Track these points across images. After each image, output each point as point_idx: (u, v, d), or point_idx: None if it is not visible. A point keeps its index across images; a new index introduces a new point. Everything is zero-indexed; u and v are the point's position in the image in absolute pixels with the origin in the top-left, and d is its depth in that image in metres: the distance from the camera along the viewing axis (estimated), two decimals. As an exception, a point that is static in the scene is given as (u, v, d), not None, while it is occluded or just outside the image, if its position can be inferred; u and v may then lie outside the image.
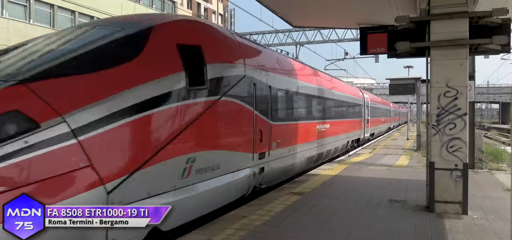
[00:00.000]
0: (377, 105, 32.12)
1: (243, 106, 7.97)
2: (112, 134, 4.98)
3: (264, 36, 36.40)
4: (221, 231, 6.12)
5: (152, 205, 4.36)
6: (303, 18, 12.50)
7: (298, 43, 34.57)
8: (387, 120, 40.90)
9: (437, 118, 7.30)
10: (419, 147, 21.00)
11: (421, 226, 6.55)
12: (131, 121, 5.19)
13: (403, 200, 8.42)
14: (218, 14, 55.13)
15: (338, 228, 6.41)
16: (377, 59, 34.56)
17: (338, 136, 16.97)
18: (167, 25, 6.57)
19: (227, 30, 10.15)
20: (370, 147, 23.24)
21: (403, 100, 60.31)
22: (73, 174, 4.54)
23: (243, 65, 8.07)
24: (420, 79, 20.87)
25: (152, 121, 5.55)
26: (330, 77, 17.82)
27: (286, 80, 10.78)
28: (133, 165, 5.18)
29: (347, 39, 34.04)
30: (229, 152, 7.47)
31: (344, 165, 14.16)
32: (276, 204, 7.99)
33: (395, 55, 8.41)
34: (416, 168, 13.68)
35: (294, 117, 11.32)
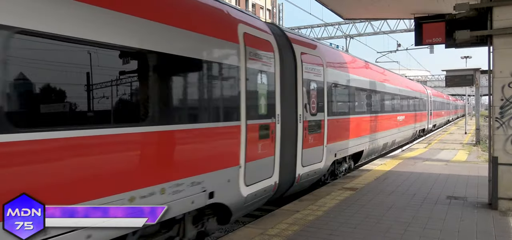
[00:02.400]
0: (439, 99, 36.61)
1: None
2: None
3: (313, 29, 35.99)
4: (275, 225, 6.16)
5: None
6: (354, 10, 12.22)
7: (348, 36, 33.87)
8: (446, 113, 45.44)
9: (501, 110, 6.90)
10: (478, 141, 19.99)
11: (484, 224, 6.23)
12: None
13: (462, 197, 8.05)
14: (266, 9, 55.20)
15: (393, 225, 6.22)
16: (432, 50, 33.01)
17: (411, 125, 21.52)
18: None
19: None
20: (424, 141, 22.40)
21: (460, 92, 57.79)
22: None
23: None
24: (479, 70, 19.76)
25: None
26: (402, 78, 23.23)
27: (384, 86, 15.85)
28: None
29: (399, 30, 32.82)
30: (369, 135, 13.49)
31: (397, 160, 13.75)
32: (329, 199, 7.91)
33: (454, 45, 8.06)
34: (476, 163, 13.03)
35: (385, 110, 15.87)
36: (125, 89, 4.73)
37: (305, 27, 35.99)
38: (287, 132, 7.57)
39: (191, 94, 5.53)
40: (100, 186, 4.12)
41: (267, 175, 6.91)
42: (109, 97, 4.46)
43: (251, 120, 6.33)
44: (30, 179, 3.57)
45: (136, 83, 4.75)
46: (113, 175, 4.27)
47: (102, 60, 4.35)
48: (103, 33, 4.20)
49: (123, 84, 4.66)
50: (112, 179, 4.26)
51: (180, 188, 4.99)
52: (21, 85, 3.74)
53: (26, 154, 3.57)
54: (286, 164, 7.56)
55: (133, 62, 4.69)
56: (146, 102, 4.64)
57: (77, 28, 3.95)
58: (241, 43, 6.25)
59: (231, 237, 5.74)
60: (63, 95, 4.06)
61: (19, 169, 3.53)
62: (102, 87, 4.41)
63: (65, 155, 3.84)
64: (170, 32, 5.03)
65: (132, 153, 4.54)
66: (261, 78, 6.84)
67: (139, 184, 4.48)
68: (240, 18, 6.62)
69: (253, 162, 6.39)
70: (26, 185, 3.47)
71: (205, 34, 5.61)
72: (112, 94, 4.50)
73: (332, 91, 9.92)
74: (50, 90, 3.98)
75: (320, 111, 9.07)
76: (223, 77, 5.98)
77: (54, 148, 3.76)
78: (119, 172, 4.35)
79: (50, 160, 3.74)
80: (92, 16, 4.09)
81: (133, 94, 4.77)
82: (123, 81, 4.66)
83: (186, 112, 5.36)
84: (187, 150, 5.32)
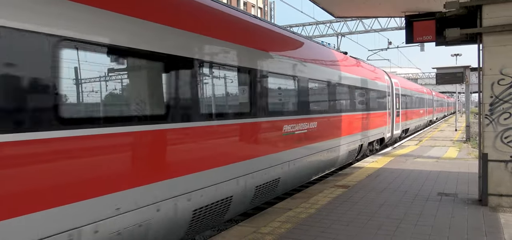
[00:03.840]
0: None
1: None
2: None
3: (305, 27, 36.07)
4: (268, 223, 6.17)
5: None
6: (346, 8, 12.24)
7: (339, 34, 34.03)
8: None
9: (491, 107, 6.97)
10: (468, 138, 20.21)
11: (474, 220, 6.29)
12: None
13: (453, 193, 8.13)
14: (258, 8, 55.17)
15: (385, 222, 6.27)
16: (423, 48, 33.33)
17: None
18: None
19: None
20: (416, 138, 22.56)
21: (450, 89, 58.02)
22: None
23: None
24: (469, 67, 19.96)
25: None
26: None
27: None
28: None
29: (390, 28, 33.11)
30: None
31: (389, 157, 13.84)
32: (321, 197, 7.95)
33: (444, 43, 8.12)
34: (466, 160, 13.16)
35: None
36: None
37: (297, 25, 36.07)
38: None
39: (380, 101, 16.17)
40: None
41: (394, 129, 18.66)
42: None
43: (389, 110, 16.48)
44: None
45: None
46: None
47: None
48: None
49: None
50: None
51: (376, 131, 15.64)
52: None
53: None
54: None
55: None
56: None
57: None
58: (389, 84, 17.89)
59: (224, 235, 5.74)
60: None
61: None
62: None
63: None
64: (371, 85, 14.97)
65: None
66: (392, 96, 18.61)
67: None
68: (387, 73, 18.90)
69: (389, 125, 17.77)
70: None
71: (383, 82, 17.12)
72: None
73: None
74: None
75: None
76: (387, 95, 17.56)
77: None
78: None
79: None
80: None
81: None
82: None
83: (376, 107, 15.60)
84: (376, 120, 15.44)
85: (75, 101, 4.17)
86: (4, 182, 3.37)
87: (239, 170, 6.52)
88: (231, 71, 6.54)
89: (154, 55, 4.93)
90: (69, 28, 3.90)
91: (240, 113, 6.76)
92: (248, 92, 6.94)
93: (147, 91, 5.06)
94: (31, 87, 3.58)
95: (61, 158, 3.83)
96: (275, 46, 8.23)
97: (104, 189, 4.24)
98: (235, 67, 6.60)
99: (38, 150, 3.65)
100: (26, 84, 3.54)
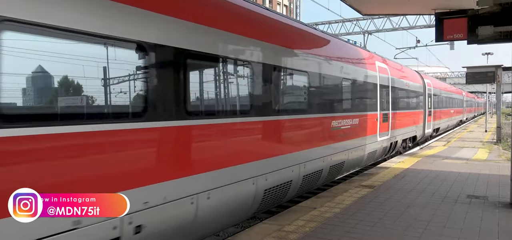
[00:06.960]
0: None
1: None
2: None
3: (331, 25, 35.73)
4: (292, 222, 6.15)
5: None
6: (373, 6, 12.03)
7: (366, 32, 33.52)
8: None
9: (525, 108, 6.73)
10: (499, 140, 19.59)
11: (505, 224, 6.10)
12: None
13: (483, 196, 7.90)
14: (283, 5, 55.00)
15: (412, 223, 6.15)
16: (452, 46, 32.44)
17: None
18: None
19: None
20: (444, 139, 22.05)
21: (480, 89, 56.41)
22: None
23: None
24: (501, 67, 19.35)
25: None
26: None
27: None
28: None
29: (419, 26, 32.35)
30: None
31: (416, 158, 13.57)
32: (346, 196, 7.86)
33: (476, 41, 7.90)
34: (497, 162, 12.78)
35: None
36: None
37: (323, 23, 35.76)
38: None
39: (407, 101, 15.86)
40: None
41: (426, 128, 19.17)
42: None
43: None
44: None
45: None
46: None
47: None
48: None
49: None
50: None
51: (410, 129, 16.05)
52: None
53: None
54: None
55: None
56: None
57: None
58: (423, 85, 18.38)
59: (248, 232, 5.75)
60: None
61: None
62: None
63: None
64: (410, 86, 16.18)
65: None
66: (425, 96, 19.01)
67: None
68: (421, 74, 19.85)
69: (421, 124, 18.23)
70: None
71: (418, 83, 17.75)
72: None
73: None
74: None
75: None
76: (420, 95, 18.23)
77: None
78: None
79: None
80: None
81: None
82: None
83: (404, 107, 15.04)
84: (411, 118, 16.21)
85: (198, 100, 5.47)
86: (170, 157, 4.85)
87: (296, 160, 7.41)
88: (299, 75, 7.77)
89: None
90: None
91: (301, 110, 7.90)
92: (307, 92, 8.09)
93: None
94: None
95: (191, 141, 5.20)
96: (345, 59, 10.17)
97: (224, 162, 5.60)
98: (303, 72, 7.84)
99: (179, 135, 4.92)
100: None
